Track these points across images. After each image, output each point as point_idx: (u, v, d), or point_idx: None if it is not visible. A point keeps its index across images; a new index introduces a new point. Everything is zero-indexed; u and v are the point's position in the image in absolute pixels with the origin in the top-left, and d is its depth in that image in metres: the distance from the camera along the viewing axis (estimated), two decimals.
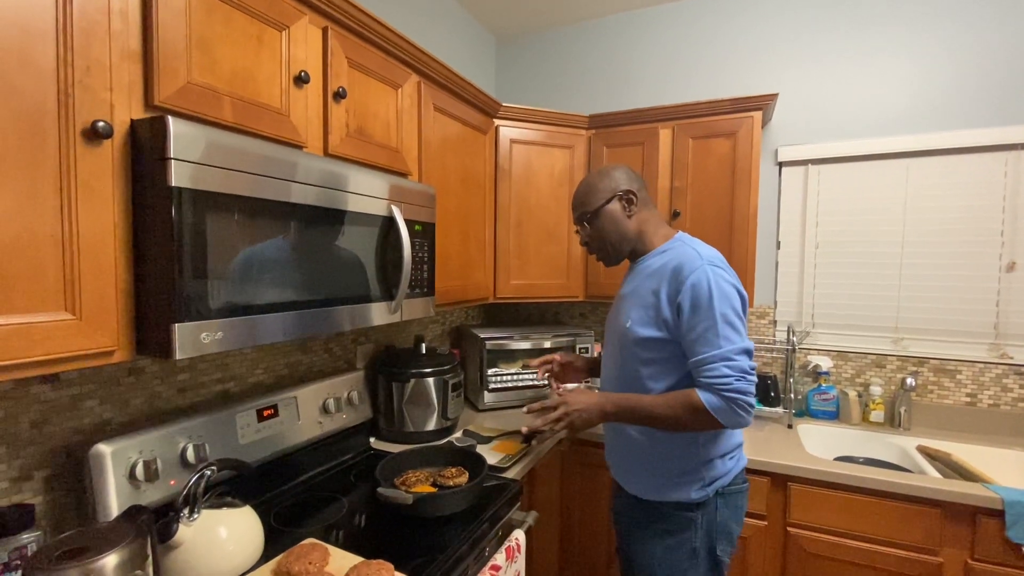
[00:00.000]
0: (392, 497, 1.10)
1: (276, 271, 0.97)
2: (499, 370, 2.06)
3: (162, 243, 0.80)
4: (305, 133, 1.10)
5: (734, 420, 1.06)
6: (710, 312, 1.07)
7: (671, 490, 1.17)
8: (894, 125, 1.91)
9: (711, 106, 1.84)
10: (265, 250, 0.94)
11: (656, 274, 1.17)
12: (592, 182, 1.26)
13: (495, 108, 1.86)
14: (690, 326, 1.09)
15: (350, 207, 1.13)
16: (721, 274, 1.11)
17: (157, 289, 0.80)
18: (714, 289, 1.08)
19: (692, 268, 1.11)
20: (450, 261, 1.66)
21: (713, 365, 1.06)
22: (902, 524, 1.45)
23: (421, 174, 1.49)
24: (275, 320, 0.97)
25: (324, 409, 1.43)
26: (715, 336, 1.06)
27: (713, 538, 1.17)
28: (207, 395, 1.25)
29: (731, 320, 1.08)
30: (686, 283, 1.10)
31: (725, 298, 1.08)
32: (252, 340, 0.93)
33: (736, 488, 1.20)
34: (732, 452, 1.20)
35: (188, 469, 1.07)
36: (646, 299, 1.17)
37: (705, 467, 1.16)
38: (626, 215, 1.23)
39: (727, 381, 1.04)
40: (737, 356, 1.06)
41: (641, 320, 1.17)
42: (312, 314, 1.05)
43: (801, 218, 2.05)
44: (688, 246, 1.17)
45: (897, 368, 1.93)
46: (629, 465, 1.24)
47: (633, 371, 1.19)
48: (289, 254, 1.00)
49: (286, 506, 1.23)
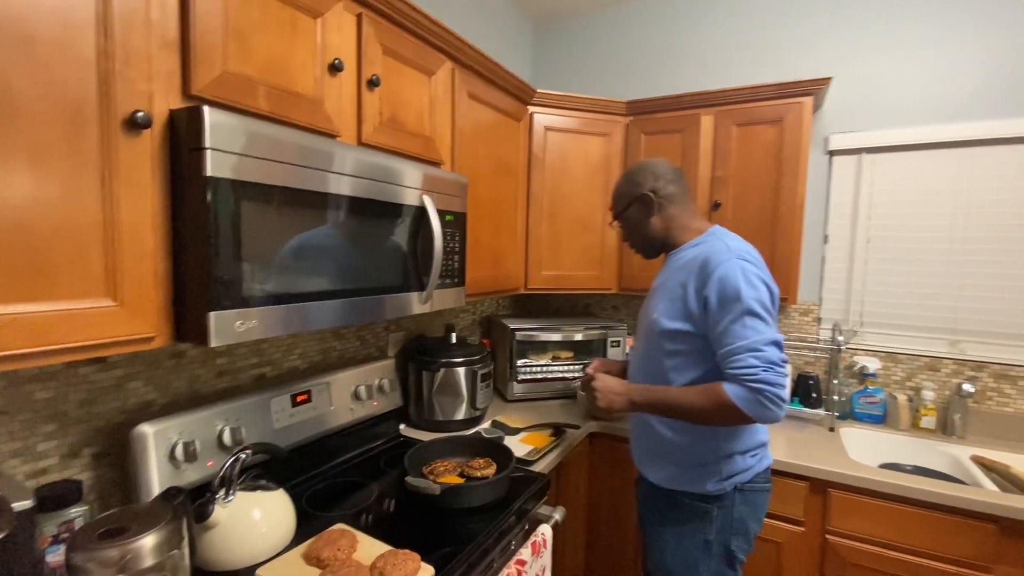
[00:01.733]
0: (420, 487, 1.11)
1: (309, 260, 0.97)
2: (528, 361, 2.05)
3: (198, 232, 0.81)
4: (339, 122, 1.09)
5: (762, 413, 1.03)
6: (737, 304, 1.06)
7: (687, 480, 1.17)
8: (958, 111, 1.76)
9: (757, 91, 1.75)
10: (299, 239, 0.95)
11: (685, 267, 1.17)
12: (618, 185, 1.31)
13: (529, 94, 1.82)
14: (717, 319, 1.08)
15: (382, 197, 1.12)
16: (750, 268, 1.09)
17: (193, 277, 0.82)
18: (741, 282, 1.06)
19: (720, 261, 1.10)
20: (481, 251, 1.65)
21: (739, 356, 1.04)
22: (953, 538, 1.37)
23: (453, 163, 1.47)
24: (307, 309, 0.97)
25: (356, 395, 1.44)
26: (742, 328, 1.05)
27: (728, 533, 1.17)
28: (244, 379, 1.28)
29: (758, 312, 1.05)
30: (713, 276, 1.09)
31: (753, 291, 1.06)
32: (285, 328, 0.93)
33: (757, 487, 1.19)
34: (755, 450, 1.19)
35: (225, 451, 1.10)
36: (674, 291, 1.17)
37: (724, 461, 1.15)
38: (647, 217, 1.26)
39: (753, 372, 1.02)
40: (765, 347, 1.03)
41: (668, 312, 1.17)
42: (344, 304, 1.05)
43: (852, 211, 1.93)
44: (719, 240, 1.17)
45: (952, 372, 1.81)
46: (649, 453, 1.25)
47: (657, 363, 1.20)
48: (322, 244, 1.00)
49: (318, 490, 1.25)
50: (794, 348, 1.99)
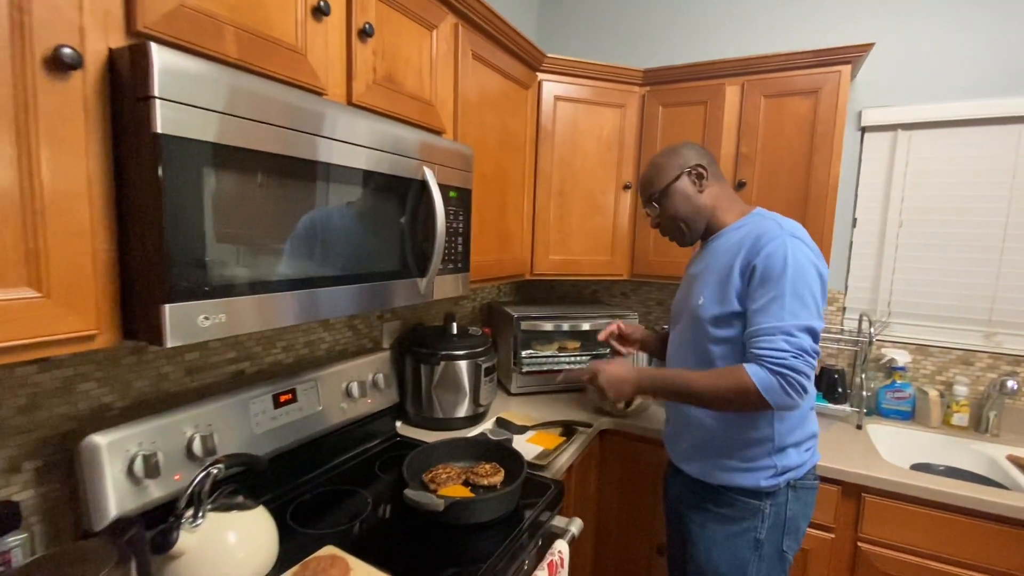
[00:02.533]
0: (422, 503, 0.97)
1: (290, 242, 0.81)
2: (533, 352, 1.91)
3: (148, 205, 0.64)
4: (325, 77, 0.92)
5: (782, 400, 0.96)
6: (780, 283, 0.98)
7: (739, 475, 1.09)
8: (1005, 85, 1.62)
9: (791, 59, 1.59)
10: (276, 216, 0.79)
11: (731, 249, 1.09)
12: (658, 161, 1.20)
13: (539, 59, 1.65)
14: (756, 296, 1.01)
15: (377, 168, 0.96)
16: (801, 247, 1.01)
17: (144, 261, 0.66)
18: (789, 260, 0.99)
19: (771, 237, 1.02)
20: (485, 233, 1.49)
21: (770, 337, 0.97)
22: (997, 547, 1.26)
23: (456, 132, 1.31)
24: (288, 300, 0.82)
25: (347, 393, 1.30)
26: (779, 308, 0.97)
27: (781, 532, 1.09)
28: (219, 377, 1.12)
29: (801, 294, 0.98)
30: (761, 252, 1.01)
31: (800, 272, 0.98)
32: (262, 323, 0.78)
33: (809, 483, 1.12)
34: (807, 443, 1.11)
35: (195, 462, 0.95)
36: (721, 275, 1.09)
37: (779, 455, 1.07)
38: (697, 190, 1.16)
39: (782, 356, 0.95)
40: (799, 332, 0.96)
41: (715, 297, 1.09)
42: (332, 293, 0.90)
43: (884, 192, 1.79)
44: (767, 219, 1.09)
45: (988, 367, 1.70)
46: (692, 446, 1.16)
47: (704, 350, 1.11)
48: (304, 221, 0.84)
49: (304, 502, 1.11)
50: None
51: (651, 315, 2.20)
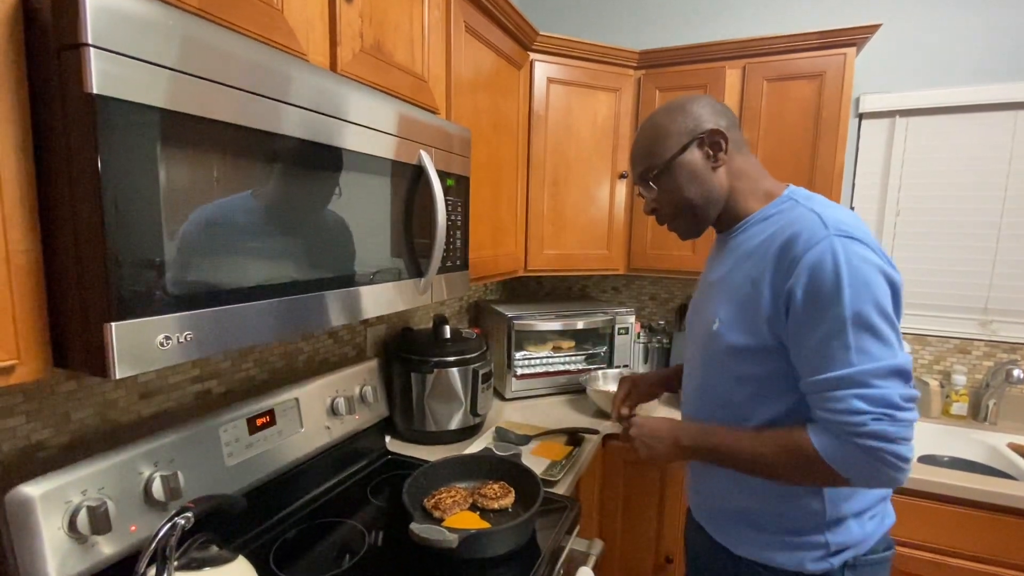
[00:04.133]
0: (432, 540, 0.83)
1: (270, 239, 0.66)
2: (527, 353, 1.79)
3: (83, 191, 0.48)
4: (305, 39, 0.77)
5: (874, 478, 0.70)
6: (834, 310, 0.70)
7: (777, 552, 0.82)
8: (1005, 71, 1.60)
9: (793, 40, 1.52)
10: (254, 207, 0.64)
11: (757, 252, 0.81)
12: (660, 122, 0.88)
13: (531, 37, 1.52)
14: (804, 330, 0.73)
15: (369, 150, 0.81)
16: (859, 251, 0.72)
17: (78, 266, 0.50)
18: (845, 274, 0.70)
19: (812, 241, 0.73)
20: (481, 226, 1.36)
21: (837, 394, 0.70)
22: (1015, 541, 1.23)
23: (450, 112, 1.16)
24: (269, 310, 0.67)
25: (332, 410, 1.14)
26: (843, 349, 0.70)
27: None
28: (180, 400, 0.95)
29: (871, 323, 0.70)
30: (801, 263, 0.73)
31: (864, 289, 0.70)
32: (237, 340, 0.63)
33: (876, 559, 0.83)
34: (874, 508, 0.83)
35: (156, 508, 0.78)
36: (742, 290, 0.81)
37: (832, 529, 0.80)
38: (711, 166, 0.85)
39: (860, 421, 0.68)
40: (880, 381, 0.69)
41: (735, 321, 0.81)
42: (321, 299, 0.75)
43: (882, 180, 1.76)
44: (804, 207, 0.79)
45: (984, 355, 1.69)
46: (719, 506, 0.90)
47: (724, 391, 0.85)
48: (284, 214, 0.69)
49: (288, 540, 0.96)
50: None
51: (644, 310, 2.12)
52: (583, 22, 2.08)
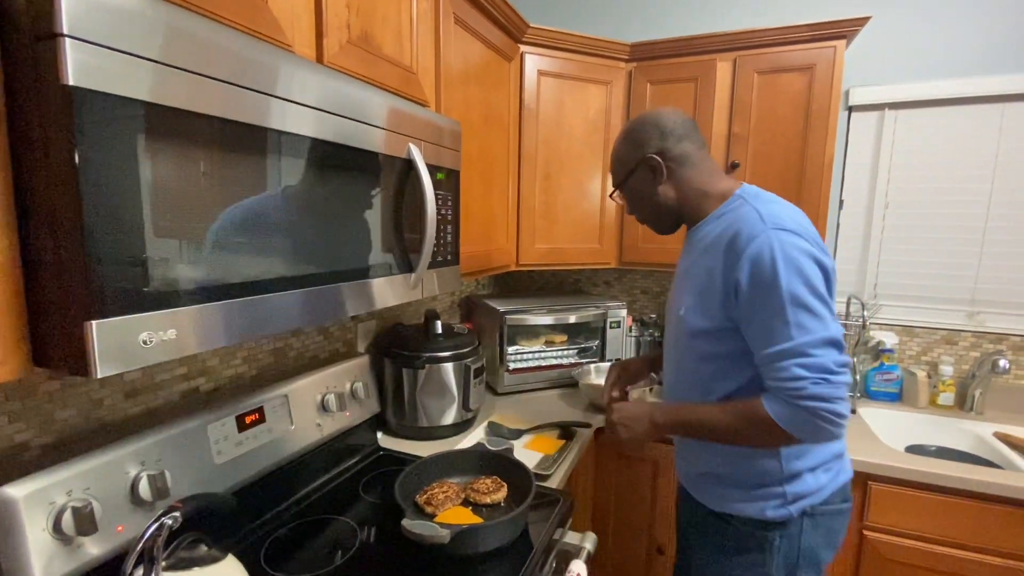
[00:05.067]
0: (425, 536, 0.83)
1: (255, 234, 0.65)
2: (520, 347, 1.79)
3: (61, 186, 0.47)
4: (290, 31, 0.75)
5: (816, 434, 0.82)
6: (773, 294, 0.82)
7: (744, 504, 0.96)
8: (987, 63, 1.61)
9: (784, 33, 1.51)
10: (234, 203, 0.62)
11: (712, 247, 0.93)
12: (616, 148, 1.05)
13: (522, 29, 1.50)
14: (749, 314, 0.86)
15: (356, 143, 0.80)
16: (791, 240, 0.84)
17: (57, 263, 0.49)
18: (779, 261, 0.82)
19: (752, 235, 0.85)
20: (472, 220, 1.35)
21: (782, 364, 0.81)
22: (1002, 530, 1.25)
23: (440, 105, 1.15)
24: (257, 306, 0.66)
25: (323, 407, 1.13)
26: (783, 326, 0.82)
27: (795, 567, 0.95)
28: (168, 398, 0.94)
29: (804, 301, 0.82)
30: (744, 255, 0.85)
31: (796, 272, 0.82)
32: (225, 337, 0.62)
33: (832, 508, 0.96)
34: (828, 464, 0.96)
35: (142, 508, 0.77)
36: (701, 280, 0.94)
37: (788, 481, 0.93)
38: (654, 186, 1.00)
39: (800, 386, 0.80)
40: (816, 350, 0.80)
41: (697, 308, 0.95)
42: (309, 296, 0.74)
43: (871, 173, 1.77)
44: (749, 205, 0.91)
45: (971, 345, 1.71)
46: (697, 471, 1.04)
47: (692, 369, 0.99)
48: (273, 209, 0.68)
49: (280, 538, 0.95)
50: None
51: (636, 304, 2.13)
52: (574, 14, 2.06)
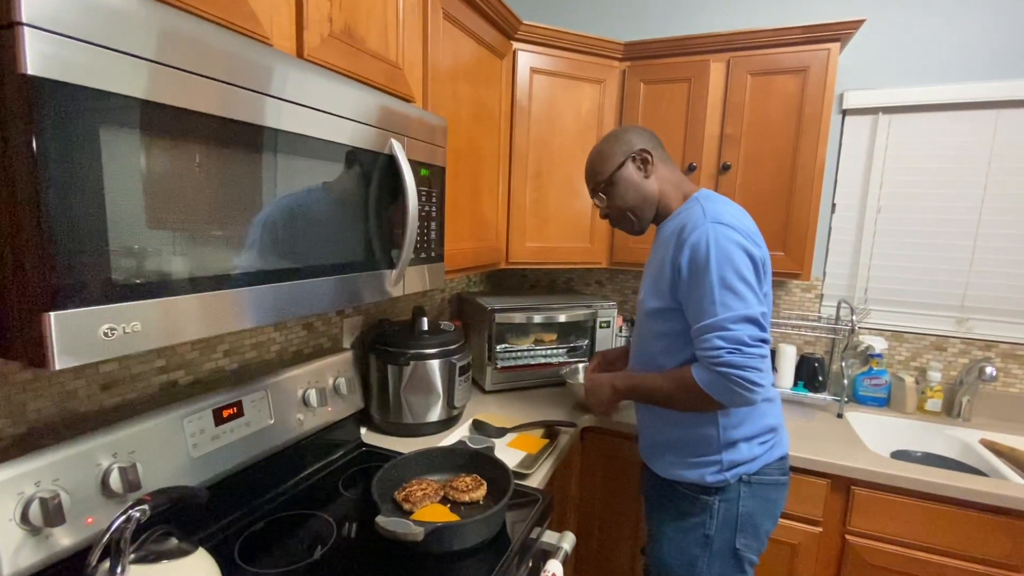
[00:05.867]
0: (398, 533, 0.83)
1: (226, 227, 0.65)
2: (508, 346, 1.79)
3: (18, 175, 0.47)
4: (268, 24, 0.75)
5: (731, 399, 0.95)
6: (705, 276, 0.96)
7: (687, 471, 1.08)
8: (982, 69, 1.60)
9: (778, 34, 1.51)
10: (208, 193, 0.62)
11: (668, 240, 1.07)
12: (601, 148, 1.15)
13: (514, 26, 1.49)
14: (687, 294, 1.00)
15: (335, 138, 0.80)
16: (725, 232, 0.97)
17: (14, 252, 0.48)
18: (712, 249, 0.96)
19: (693, 228, 1.00)
20: (458, 218, 1.34)
21: (706, 337, 0.95)
22: (984, 537, 1.25)
23: (426, 101, 1.15)
24: (229, 299, 0.65)
25: (304, 401, 1.13)
26: (710, 304, 0.95)
27: (733, 530, 1.06)
28: (144, 391, 0.94)
29: (731, 284, 0.95)
30: (686, 244, 0.99)
31: (726, 259, 0.95)
32: (192, 331, 0.62)
33: (768, 479, 1.07)
34: (762, 436, 1.07)
35: (113, 500, 0.77)
36: (657, 268, 1.09)
37: (726, 450, 1.05)
38: (643, 176, 1.12)
39: (717, 354, 0.93)
40: (733, 325, 0.93)
41: (651, 291, 1.10)
42: (282, 290, 0.74)
43: (864, 177, 1.76)
44: (698, 204, 1.05)
45: (959, 352, 1.71)
46: (651, 442, 1.17)
47: (648, 346, 1.13)
48: (243, 203, 0.67)
49: (255, 533, 0.95)
50: (794, 328, 1.83)
51: (627, 304, 2.12)
52: (568, 12, 2.05)
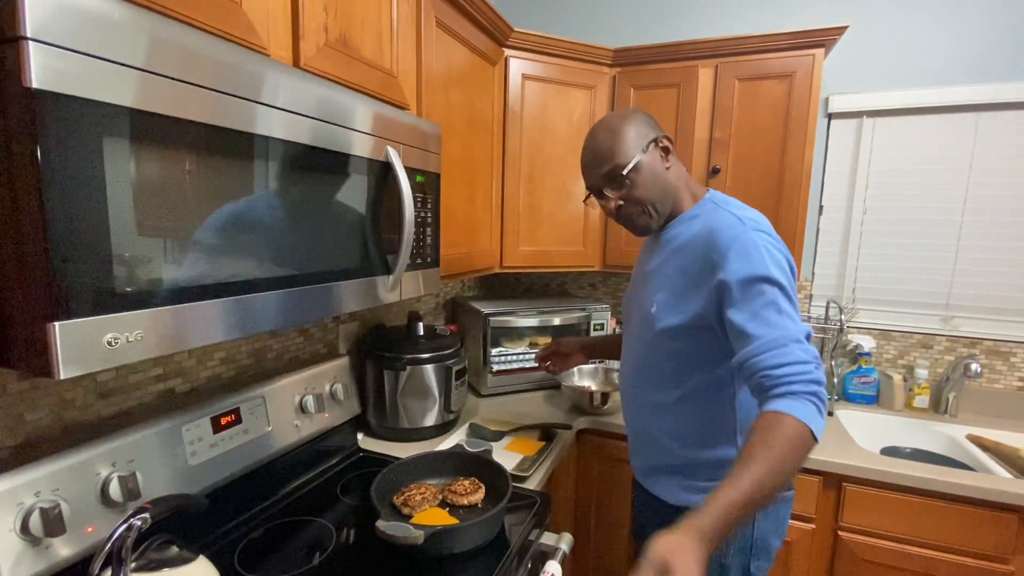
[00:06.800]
0: (398, 537, 0.84)
1: (228, 235, 0.65)
2: (503, 349, 1.80)
3: (23, 186, 0.47)
4: (265, 34, 0.76)
5: (822, 429, 0.78)
6: (765, 286, 0.84)
7: (700, 495, 0.97)
8: (966, 73, 1.64)
9: (764, 40, 1.54)
10: (209, 202, 0.63)
11: (686, 248, 0.95)
12: (618, 128, 0.97)
13: (506, 33, 1.51)
14: (740, 307, 0.84)
15: (333, 146, 0.81)
16: (773, 243, 0.89)
17: (18, 262, 0.49)
18: (767, 258, 0.85)
19: (733, 235, 0.88)
20: (453, 222, 1.35)
21: (782, 351, 0.79)
22: (971, 530, 1.28)
23: (420, 108, 1.16)
24: (229, 308, 0.66)
25: (301, 408, 1.14)
26: (777, 314, 0.82)
27: (748, 555, 0.99)
28: (142, 399, 0.94)
29: (789, 295, 0.85)
30: (729, 254, 0.86)
31: (780, 269, 0.85)
32: (194, 338, 0.62)
33: (781, 496, 1.01)
34: None
35: (114, 509, 0.77)
36: (674, 280, 0.96)
37: None
38: (665, 166, 0.98)
39: (805, 371, 0.78)
40: (806, 339, 0.82)
41: (669, 305, 0.96)
42: (282, 298, 0.75)
43: (850, 179, 1.80)
44: (723, 209, 0.95)
45: (945, 349, 1.75)
46: (654, 466, 1.06)
47: (657, 365, 1.01)
48: (246, 210, 0.68)
49: (255, 539, 0.95)
50: None
51: (620, 306, 2.14)
52: (559, 19, 2.08)
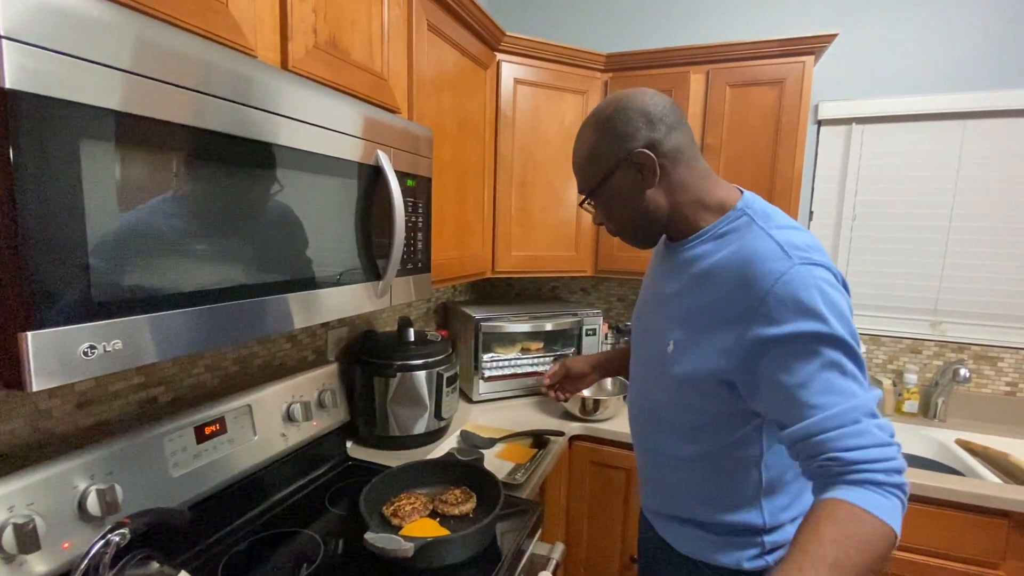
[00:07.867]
0: (387, 549, 0.82)
1: (213, 240, 0.64)
2: (495, 355, 1.78)
3: None
4: (252, 35, 0.74)
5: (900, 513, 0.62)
6: (823, 342, 0.65)
7: (719, 552, 0.83)
8: (953, 81, 1.66)
9: (755, 47, 1.55)
10: (188, 209, 0.61)
11: (713, 277, 0.75)
12: (588, 140, 0.80)
13: (498, 37, 1.51)
14: (791, 368, 0.66)
15: (322, 150, 0.79)
16: (825, 276, 0.67)
17: None
18: (822, 305, 0.65)
19: (776, 272, 0.67)
20: (445, 227, 1.34)
21: (859, 427, 0.62)
22: (961, 535, 1.28)
23: (411, 112, 1.15)
24: (210, 316, 0.64)
25: (288, 416, 1.11)
26: (842, 378, 0.64)
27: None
28: (123, 409, 0.91)
29: (856, 351, 0.66)
30: (768, 297, 0.67)
31: (841, 317, 0.66)
32: (174, 348, 0.60)
33: None
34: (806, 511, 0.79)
35: (91, 524, 0.75)
36: (697, 317, 0.76)
37: (770, 532, 0.81)
38: (644, 186, 0.77)
39: (890, 456, 0.62)
40: (877, 407, 0.65)
41: (689, 349, 0.77)
42: (268, 304, 0.73)
43: (839, 186, 1.81)
44: (761, 229, 0.73)
45: (934, 354, 1.76)
46: (672, 513, 0.90)
47: (670, 417, 0.84)
48: (228, 216, 0.66)
49: (239, 553, 0.93)
50: None
51: (612, 311, 2.14)
52: (551, 24, 2.08)
